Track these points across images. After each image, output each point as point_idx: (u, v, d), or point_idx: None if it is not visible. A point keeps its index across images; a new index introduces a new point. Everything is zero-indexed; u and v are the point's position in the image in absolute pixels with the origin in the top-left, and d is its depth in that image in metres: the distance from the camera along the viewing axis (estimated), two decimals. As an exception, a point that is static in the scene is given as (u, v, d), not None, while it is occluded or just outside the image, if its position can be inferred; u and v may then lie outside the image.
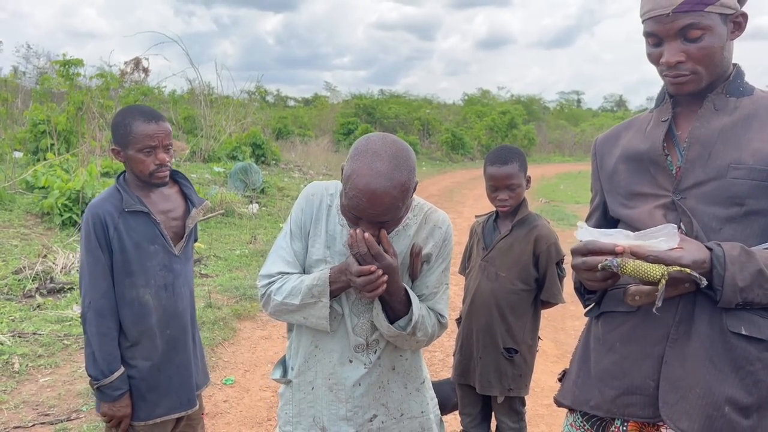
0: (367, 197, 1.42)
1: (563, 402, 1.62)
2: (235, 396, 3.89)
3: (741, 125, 1.40)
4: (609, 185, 1.61)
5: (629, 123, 1.66)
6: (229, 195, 10.47)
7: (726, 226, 1.37)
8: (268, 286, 1.65)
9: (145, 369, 2.07)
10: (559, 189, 17.78)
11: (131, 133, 2.01)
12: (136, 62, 17.34)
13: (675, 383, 1.37)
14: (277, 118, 27.78)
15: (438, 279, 1.68)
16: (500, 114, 34.82)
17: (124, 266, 2.02)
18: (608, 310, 1.53)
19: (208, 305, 5.38)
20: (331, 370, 1.66)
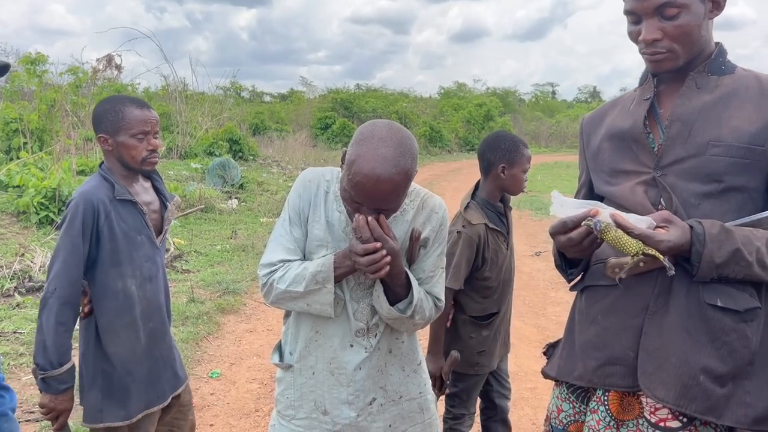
0: (372, 182, 1.42)
1: (549, 374, 1.66)
2: (222, 389, 3.89)
3: (721, 103, 1.44)
4: (594, 163, 1.65)
5: (615, 102, 1.69)
6: (208, 191, 10.39)
7: (704, 202, 1.40)
8: (270, 275, 1.64)
9: (128, 362, 2.05)
10: (536, 179, 17.93)
11: (124, 119, 1.99)
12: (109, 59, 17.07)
13: (653, 353, 1.41)
14: (253, 113, 27.57)
15: (435, 263, 1.70)
16: (476, 107, 34.99)
17: (113, 256, 1.99)
18: (591, 284, 1.57)
19: (191, 300, 5.36)
20: (332, 355, 1.67)
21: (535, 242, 8.60)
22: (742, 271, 1.33)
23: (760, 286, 1.38)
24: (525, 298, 5.95)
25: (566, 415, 1.63)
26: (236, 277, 6.21)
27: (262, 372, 4.16)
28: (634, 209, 1.43)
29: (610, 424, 1.49)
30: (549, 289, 6.24)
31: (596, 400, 1.53)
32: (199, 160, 14.10)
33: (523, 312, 5.52)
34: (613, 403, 1.50)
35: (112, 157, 2.06)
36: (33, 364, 1.93)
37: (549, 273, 6.78)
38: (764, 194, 1.42)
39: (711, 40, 1.48)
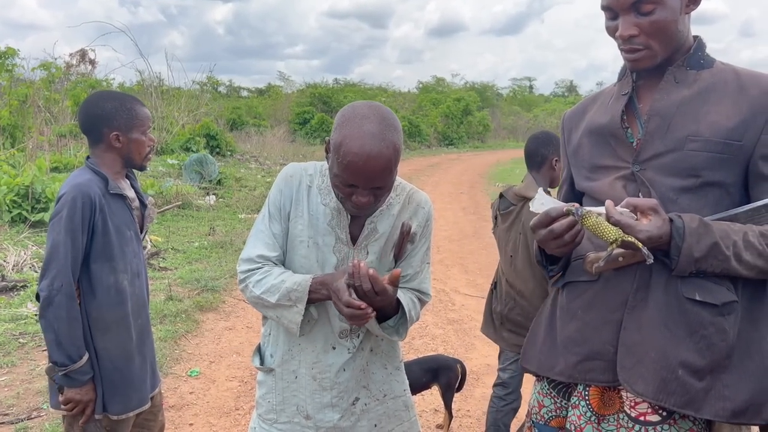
0: (363, 160, 1.40)
1: (529, 368, 1.65)
2: (201, 387, 3.85)
3: (700, 98, 1.43)
4: (574, 159, 1.65)
5: (595, 97, 1.69)
6: (185, 187, 10.28)
7: (682, 197, 1.41)
8: (248, 274, 1.61)
9: (119, 359, 2.03)
10: (515, 173, 18.03)
11: (137, 117, 2.04)
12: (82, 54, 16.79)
13: (632, 348, 1.41)
14: (230, 108, 27.31)
15: (422, 258, 1.70)
16: (455, 101, 35.08)
17: (105, 250, 1.97)
18: (572, 280, 1.57)
19: (169, 298, 5.29)
20: (314, 359, 1.65)
21: (514, 236, 8.65)
22: (720, 265, 1.33)
23: (736, 280, 1.38)
24: (504, 291, 5.99)
25: (547, 410, 1.64)
26: (215, 274, 6.15)
27: (241, 370, 4.12)
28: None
29: (591, 419, 1.49)
30: (528, 282, 6.27)
31: (577, 395, 1.53)
32: (176, 156, 13.94)
33: (502, 306, 5.55)
34: (593, 398, 1.50)
35: (113, 154, 2.04)
36: (48, 364, 1.93)
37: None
38: (741, 189, 1.42)
39: (689, 35, 1.48)
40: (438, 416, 3.45)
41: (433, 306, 5.48)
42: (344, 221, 1.62)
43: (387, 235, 1.64)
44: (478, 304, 5.59)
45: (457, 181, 16.18)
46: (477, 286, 6.18)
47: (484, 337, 4.76)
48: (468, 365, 3.91)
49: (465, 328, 4.95)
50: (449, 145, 32.54)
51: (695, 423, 1.40)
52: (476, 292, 5.97)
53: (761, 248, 1.34)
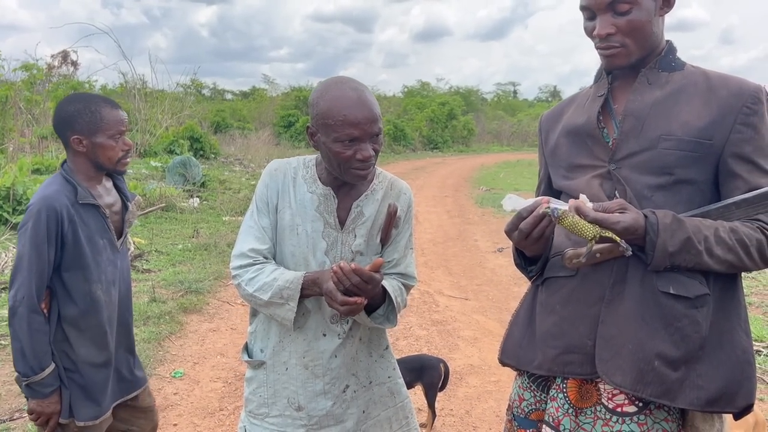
0: (357, 107, 1.53)
1: (508, 362, 1.69)
2: (185, 388, 3.85)
3: (672, 99, 1.49)
4: (552, 159, 1.69)
5: (572, 98, 1.74)
6: (169, 189, 10.23)
7: (656, 194, 1.45)
8: (241, 271, 1.65)
9: (92, 367, 2.01)
10: (499, 177, 18.17)
11: (102, 120, 1.95)
12: (64, 55, 16.67)
13: (609, 341, 1.45)
14: (214, 111, 27.21)
15: (406, 243, 1.78)
16: (440, 105, 35.19)
17: (78, 260, 1.95)
18: (550, 275, 1.60)
19: (153, 300, 5.27)
20: (306, 347, 1.69)
21: (497, 239, 8.72)
22: (693, 260, 1.38)
23: (708, 274, 1.43)
24: (488, 293, 6.04)
25: (528, 403, 1.67)
26: (199, 276, 6.14)
27: (226, 371, 4.12)
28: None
29: (569, 411, 1.53)
30: (511, 284, 6.33)
31: (555, 388, 1.57)
32: (159, 159, 13.87)
33: (486, 307, 5.60)
34: (571, 390, 1.54)
35: (81, 158, 1.99)
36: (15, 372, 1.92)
37: (511, 269, 6.86)
38: (712, 187, 1.48)
39: (662, 38, 1.54)
40: (422, 415, 3.47)
41: (417, 307, 5.51)
42: (331, 206, 1.68)
43: (373, 218, 1.71)
44: (462, 306, 5.63)
45: (442, 184, 16.24)
46: (460, 288, 6.23)
47: (467, 338, 4.83)
48: (451, 365, 3.95)
49: (449, 329, 4.99)
50: (434, 149, 32.64)
51: (670, 412, 1.45)
52: (460, 294, 6.01)
53: (731, 243, 1.39)
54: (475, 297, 5.93)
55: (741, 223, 1.42)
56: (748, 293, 5.82)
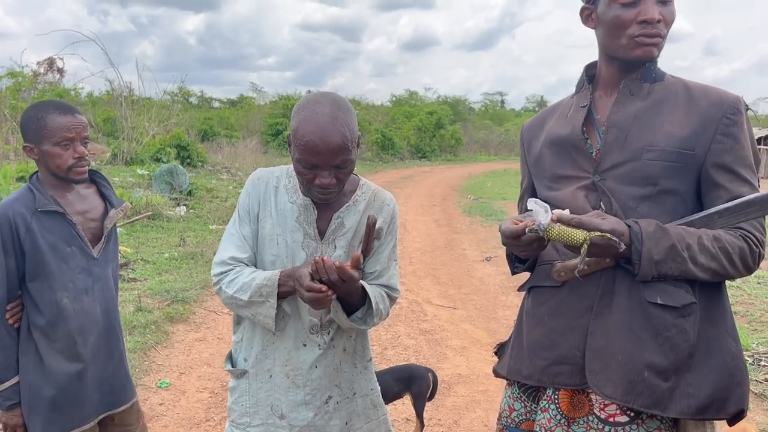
0: (319, 137, 1.48)
1: (500, 372, 1.69)
2: (171, 399, 3.80)
3: (654, 110, 1.50)
4: (535, 170, 1.69)
5: (553, 108, 1.75)
6: (155, 198, 10.16)
7: (641, 205, 1.46)
8: (221, 276, 1.65)
9: (64, 379, 1.97)
10: (487, 186, 18.25)
11: (46, 127, 1.90)
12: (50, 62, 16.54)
13: (599, 353, 1.46)
14: (202, 119, 27.15)
15: (389, 255, 1.75)
16: (427, 114, 35.38)
17: (40, 268, 1.91)
18: (537, 284, 1.61)
19: (138, 309, 5.22)
20: (287, 356, 1.68)
21: (485, 248, 8.74)
22: (678, 268, 1.38)
23: (693, 282, 1.44)
24: (476, 302, 6.04)
25: (518, 413, 1.67)
26: (185, 285, 6.08)
27: (212, 381, 4.08)
28: (575, 213, 1.46)
29: (561, 421, 1.53)
30: (499, 293, 6.34)
31: (547, 399, 1.57)
32: (146, 167, 13.78)
33: (474, 316, 5.60)
34: (563, 401, 1.54)
35: (40, 166, 1.97)
36: None
37: (499, 278, 6.90)
38: (694, 197, 1.49)
39: None
40: (410, 425, 3.46)
41: (406, 316, 5.50)
42: (311, 217, 1.67)
43: (354, 229, 1.69)
44: (450, 315, 5.63)
45: (430, 193, 16.28)
46: (448, 297, 6.22)
47: (455, 347, 4.82)
48: (439, 375, 3.94)
49: (437, 338, 4.98)
50: (422, 158, 32.74)
51: (662, 421, 1.45)
52: (448, 303, 6.01)
53: (714, 251, 1.40)
54: (463, 306, 5.93)
55: (724, 231, 1.43)
56: (733, 302, 5.87)
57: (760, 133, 30.61)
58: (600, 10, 1.51)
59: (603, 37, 1.53)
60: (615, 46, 1.49)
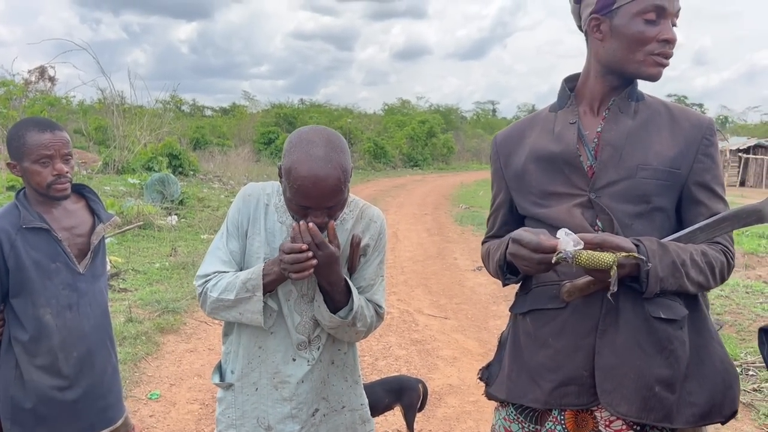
0: (312, 182, 1.47)
1: (498, 396, 1.66)
2: (161, 410, 3.79)
3: (643, 128, 1.54)
4: (517, 184, 1.65)
5: (531, 121, 1.71)
6: (146, 207, 10.14)
7: (636, 222, 1.49)
8: (204, 284, 1.66)
9: (44, 393, 1.96)
10: (478, 195, 18.27)
11: (25, 144, 1.91)
12: (42, 71, 16.52)
13: (610, 371, 1.47)
14: (194, 127, 27.13)
15: (375, 271, 1.75)
16: (420, 123, 35.49)
17: (23, 285, 1.91)
18: (537, 307, 1.58)
19: (129, 320, 5.20)
20: (275, 370, 1.68)
21: (476, 257, 8.76)
22: (677, 283, 1.42)
23: (680, 294, 1.48)
24: (467, 312, 6.05)
25: None
26: (176, 295, 6.07)
27: (203, 392, 4.07)
28: (573, 231, 1.46)
29: None
30: (490, 303, 6.36)
31: (552, 420, 1.56)
32: (137, 176, 13.75)
33: (465, 326, 5.62)
34: (569, 421, 1.54)
35: (25, 183, 1.98)
36: None
37: (490, 287, 6.92)
38: (675, 213, 1.55)
39: None
40: (400, 437, 3.46)
41: (397, 326, 5.51)
42: None
43: (341, 248, 1.68)
44: (441, 325, 5.64)
45: (422, 202, 16.32)
46: (440, 307, 6.24)
47: (446, 358, 4.83)
48: (430, 385, 3.95)
49: (428, 348, 4.99)
50: (414, 167, 32.83)
51: (662, 430, 1.49)
52: (439, 313, 6.02)
53: (702, 266, 1.45)
54: (454, 316, 5.94)
55: (707, 245, 1.48)
56: (722, 312, 5.91)
57: (749, 142, 30.92)
58: (619, 23, 1.47)
59: (615, 49, 1.50)
60: (628, 60, 1.48)
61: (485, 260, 1.75)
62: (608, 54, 1.51)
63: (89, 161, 16.08)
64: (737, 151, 30.56)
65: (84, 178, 12.94)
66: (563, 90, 1.63)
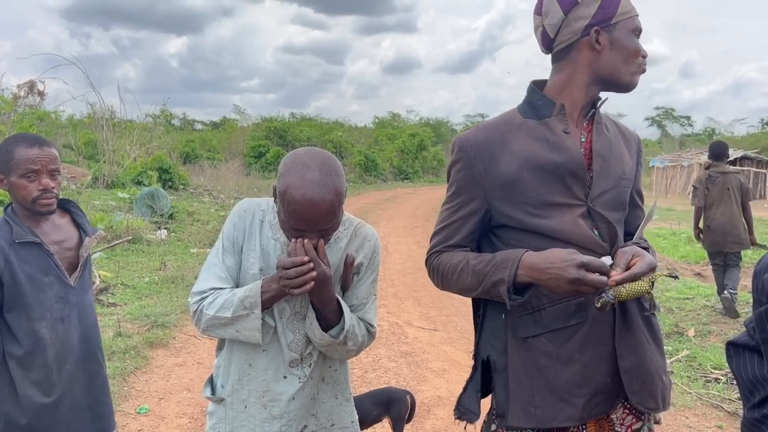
0: (307, 207, 1.48)
1: (525, 426, 1.56)
2: (150, 424, 3.78)
3: (615, 140, 1.65)
4: (506, 193, 1.56)
5: (506, 126, 1.62)
6: (136, 221, 10.12)
7: (617, 227, 1.60)
8: (200, 301, 1.65)
9: (39, 408, 1.96)
10: (468, 207, 18.33)
11: (13, 159, 1.92)
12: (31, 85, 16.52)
13: (634, 372, 1.54)
14: (184, 141, 27.13)
15: (367, 290, 1.76)
16: (410, 136, 35.65)
17: (18, 299, 1.92)
18: (558, 327, 1.53)
19: (118, 334, 5.19)
20: (265, 388, 1.68)
21: (466, 269, 8.79)
22: None
23: None
24: (456, 324, 6.08)
25: None
26: (165, 309, 6.06)
27: (192, 406, 4.07)
28: (580, 241, 1.51)
29: None
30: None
31: (574, 430, 1.58)
32: (127, 190, 13.73)
33: (454, 338, 5.64)
34: (591, 429, 1.58)
35: (13, 198, 1.99)
36: None
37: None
38: None
39: None
40: (389, 449, 3.47)
41: (387, 339, 5.52)
42: None
43: (335, 267, 1.69)
44: (431, 337, 5.66)
45: (412, 214, 16.36)
46: (430, 319, 6.26)
47: (435, 370, 4.85)
48: (419, 397, 3.96)
49: (417, 360, 5.01)
50: (405, 180, 32.92)
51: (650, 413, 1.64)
52: (429, 325, 6.04)
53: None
54: (443, 328, 5.97)
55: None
56: (707, 322, 5.97)
57: (735, 154, 31.25)
58: (618, 36, 1.54)
59: (614, 60, 1.55)
60: (623, 70, 1.56)
61: (449, 273, 1.63)
62: (606, 64, 1.55)
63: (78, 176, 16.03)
64: (724, 162, 30.86)
65: (73, 193, 12.90)
66: (545, 98, 1.60)
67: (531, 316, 1.55)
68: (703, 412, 4.05)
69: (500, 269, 1.50)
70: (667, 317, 6.12)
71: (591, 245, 1.52)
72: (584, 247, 1.50)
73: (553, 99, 1.60)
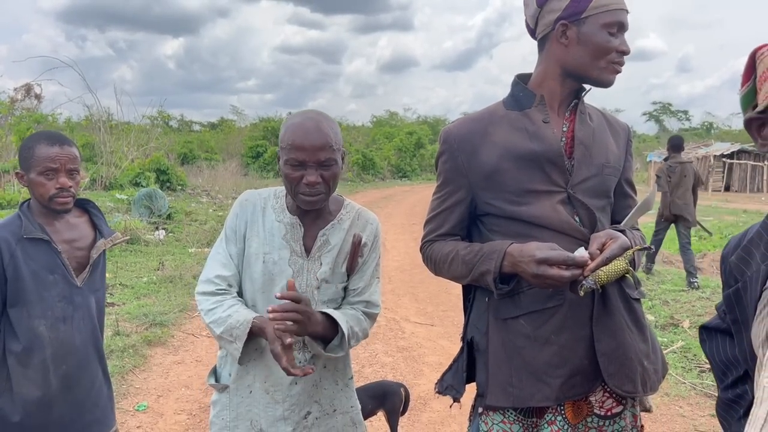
0: (304, 135, 1.61)
1: (503, 405, 1.61)
2: (149, 421, 3.82)
3: (599, 129, 1.67)
4: (488, 183, 1.62)
5: (488, 118, 1.66)
6: (134, 222, 10.15)
7: (601, 214, 1.63)
8: (203, 298, 1.73)
9: (32, 406, 1.96)
10: (466, 204, 18.35)
11: (33, 156, 1.94)
12: (27, 88, 16.53)
13: (611, 355, 1.56)
14: (181, 142, 27.15)
15: (372, 272, 1.83)
16: (408, 135, 35.68)
17: (20, 295, 1.92)
18: (536, 308, 1.57)
19: (116, 333, 5.22)
20: (267, 372, 1.73)
21: (463, 265, 8.82)
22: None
23: None
24: (453, 319, 6.11)
25: None
26: (163, 308, 6.09)
27: (190, 403, 4.10)
28: (559, 227, 1.56)
29: (568, 430, 1.61)
30: (476, 309, 6.41)
31: (552, 412, 1.60)
32: (125, 191, 13.75)
33: (451, 332, 5.67)
34: (568, 410, 1.61)
35: (31, 194, 2.01)
36: None
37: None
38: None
39: None
40: (386, 441, 3.50)
41: (384, 334, 5.56)
42: (298, 234, 1.75)
43: (339, 246, 1.77)
44: (428, 332, 5.70)
45: (410, 212, 16.39)
46: (426, 315, 6.30)
47: (432, 364, 4.89)
48: (416, 391, 4.00)
49: (414, 355, 5.04)
50: (402, 177, 32.95)
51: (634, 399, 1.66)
52: (425, 320, 6.08)
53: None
54: (440, 323, 6.00)
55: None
56: (702, 314, 6.01)
57: (732, 148, 31.29)
58: (587, 30, 1.53)
59: (581, 55, 1.55)
60: (590, 66, 1.56)
61: (441, 262, 1.70)
62: (573, 59, 1.57)
63: (76, 178, 16.06)
64: (721, 156, 30.92)
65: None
66: (527, 90, 1.65)
67: (511, 299, 1.60)
68: (697, 402, 4.09)
69: (487, 260, 1.56)
70: (663, 309, 6.17)
71: (570, 231, 1.56)
72: (563, 232, 1.55)
73: (534, 90, 1.65)
